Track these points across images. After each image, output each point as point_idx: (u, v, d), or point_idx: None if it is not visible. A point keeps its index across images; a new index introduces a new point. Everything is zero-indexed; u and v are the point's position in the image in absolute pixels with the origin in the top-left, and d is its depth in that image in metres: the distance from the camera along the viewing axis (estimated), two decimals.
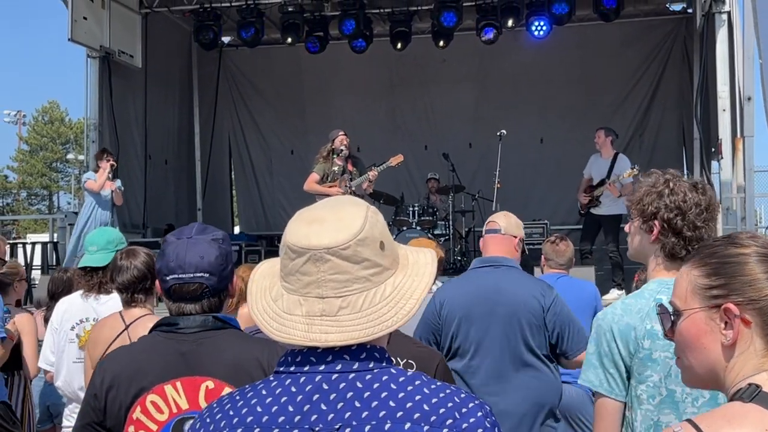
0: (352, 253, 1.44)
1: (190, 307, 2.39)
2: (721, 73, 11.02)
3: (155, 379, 2.31)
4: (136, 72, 14.20)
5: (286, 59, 16.26)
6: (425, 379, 1.46)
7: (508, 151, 11.81)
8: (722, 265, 1.58)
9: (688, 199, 2.60)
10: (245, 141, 17.34)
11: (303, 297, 1.45)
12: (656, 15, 15.50)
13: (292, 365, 1.47)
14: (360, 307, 1.44)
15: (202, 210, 16.73)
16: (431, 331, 4.12)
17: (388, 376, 1.44)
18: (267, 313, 1.50)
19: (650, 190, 2.67)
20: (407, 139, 15.99)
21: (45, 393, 6.08)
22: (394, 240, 1.56)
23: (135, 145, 14.28)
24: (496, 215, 4.48)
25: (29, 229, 40.18)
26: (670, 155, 15.35)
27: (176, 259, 2.37)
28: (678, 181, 2.66)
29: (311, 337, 1.43)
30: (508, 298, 4.03)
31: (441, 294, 4.20)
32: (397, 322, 1.45)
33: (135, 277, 3.63)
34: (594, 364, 2.60)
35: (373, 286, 1.46)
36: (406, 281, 1.50)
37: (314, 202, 1.66)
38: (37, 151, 53.43)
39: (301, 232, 1.46)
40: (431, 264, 1.55)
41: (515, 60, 15.28)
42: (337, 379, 1.43)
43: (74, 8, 12.41)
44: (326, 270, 1.43)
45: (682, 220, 2.59)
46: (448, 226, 12.49)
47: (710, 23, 11.20)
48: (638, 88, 15.45)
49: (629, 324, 2.54)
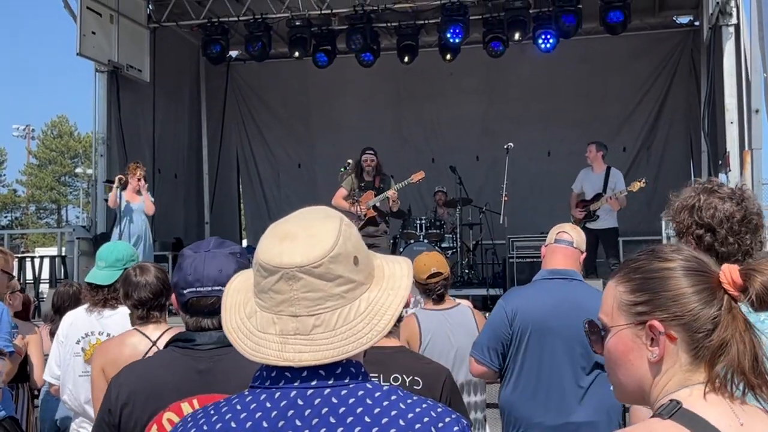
0: (324, 270, 1.41)
1: (207, 321, 2.37)
2: (729, 86, 10.99)
3: (172, 396, 2.29)
4: (145, 86, 14.26)
5: (293, 73, 16.32)
6: (401, 393, 1.44)
7: (515, 164, 11.81)
8: (646, 281, 1.54)
9: (717, 214, 2.52)
10: (253, 154, 17.38)
11: (276, 315, 1.43)
12: (663, 28, 15.51)
13: (267, 380, 1.46)
14: (334, 325, 1.42)
15: (210, 223, 16.75)
16: (500, 341, 4.02)
17: (363, 391, 1.43)
18: (241, 330, 1.48)
19: (682, 205, 2.61)
20: (414, 152, 16.02)
21: (53, 407, 6.07)
22: (369, 251, 1.53)
23: (143, 159, 14.26)
24: (565, 226, 4.27)
25: (38, 242, 40.32)
26: (677, 168, 15.34)
27: (194, 273, 2.35)
28: (711, 193, 2.56)
29: (285, 356, 1.41)
30: (584, 312, 3.96)
31: (512, 303, 4.07)
32: (371, 339, 1.43)
33: (152, 293, 3.63)
34: None
35: (347, 303, 1.44)
36: (381, 296, 1.47)
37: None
38: (46, 165, 53.73)
39: (274, 250, 1.44)
40: (407, 276, 1.52)
41: (522, 73, 15.31)
42: (312, 395, 1.41)
43: (83, 23, 12.48)
44: (299, 288, 1.41)
45: (712, 236, 2.51)
46: (455, 239, 12.49)
47: (717, 36, 11.19)
48: (645, 101, 15.45)
49: None
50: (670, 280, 1.52)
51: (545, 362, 3.95)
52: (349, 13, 13.78)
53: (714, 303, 1.49)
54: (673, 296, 1.50)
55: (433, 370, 3.30)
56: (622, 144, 15.48)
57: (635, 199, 15.38)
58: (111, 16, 13.22)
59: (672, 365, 1.50)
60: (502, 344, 4.01)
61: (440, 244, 12.07)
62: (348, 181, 10.32)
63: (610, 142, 15.37)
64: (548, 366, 3.95)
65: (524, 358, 3.98)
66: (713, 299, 1.49)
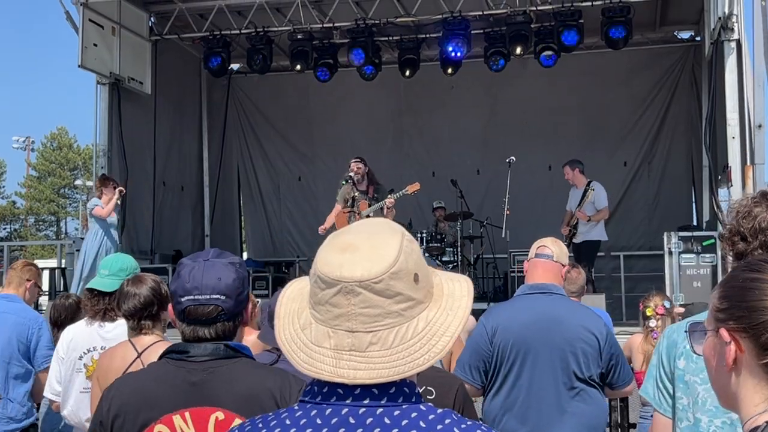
0: (384, 286, 1.37)
1: (204, 330, 2.33)
2: (731, 101, 11.01)
3: (163, 409, 2.26)
4: (146, 98, 14.26)
5: (294, 86, 16.35)
6: (455, 417, 1.40)
7: (516, 177, 11.82)
8: (731, 289, 1.53)
9: (755, 223, 2.35)
10: (253, 167, 17.39)
11: (332, 329, 1.39)
12: (664, 43, 15.55)
13: (318, 395, 1.42)
14: (391, 343, 1.38)
15: (210, 236, 16.73)
16: (482, 359, 3.99)
17: (417, 413, 1.38)
18: (295, 342, 1.44)
19: (732, 208, 2.50)
20: (415, 166, 16.03)
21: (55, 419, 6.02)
22: (430, 268, 1.49)
23: (144, 171, 14.31)
24: (546, 240, 4.25)
25: (36, 254, 40.26)
26: (679, 183, 15.36)
27: (192, 281, 2.32)
28: (761, 201, 2.42)
29: (339, 372, 1.38)
30: (564, 327, 3.94)
31: (492, 320, 4.05)
32: (429, 360, 1.39)
33: (141, 303, 3.62)
34: (652, 374, 2.59)
35: (405, 321, 1.39)
36: (441, 315, 1.43)
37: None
38: (46, 177, 53.74)
39: (334, 262, 1.39)
40: (467, 296, 1.48)
41: (523, 87, 15.32)
42: (364, 413, 1.37)
43: (85, 35, 12.51)
44: (357, 303, 1.37)
45: (746, 244, 2.37)
46: (456, 252, 12.45)
47: (719, 51, 11.20)
48: (647, 116, 15.47)
49: (675, 340, 2.50)
50: (750, 291, 1.49)
51: (525, 378, 3.94)
52: (350, 27, 13.79)
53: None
54: (748, 307, 1.48)
55: (446, 380, 3.29)
56: (623, 158, 15.50)
57: (635, 215, 15.43)
58: (113, 28, 13.25)
59: (747, 378, 1.47)
60: (484, 362, 3.99)
61: (441, 258, 12.05)
62: (341, 194, 10.30)
63: (611, 156, 15.44)
64: (528, 382, 3.93)
65: (506, 374, 3.97)
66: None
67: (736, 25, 10.87)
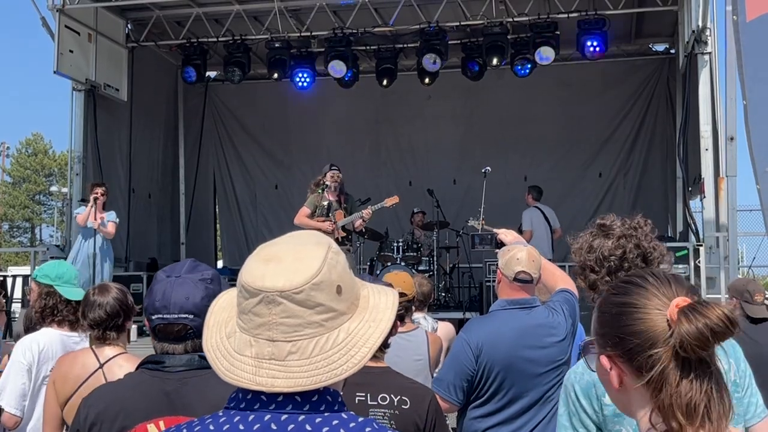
0: (305, 297, 1.40)
1: (173, 347, 2.38)
2: (704, 113, 11.14)
3: (139, 417, 2.29)
4: (122, 105, 14.20)
5: (271, 94, 16.31)
6: (376, 426, 1.43)
7: (492, 188, 11.87)
8: (604, 315, 1.58)
9: (597, 254, 2.70)
10: (230, 175, 17.31)
11: (254, 338, 1.42)
12: (639, 55, 15.69)
13: (242, 402, 1.44)
14: (310, 353, 1.40)
15: (185, 244, 16.65)
16: (466, 378, 3.91)
17: (338, 421, 1.41)
18: (219, 350, 1.47)
19: (576, 245, 2.82)
20: (392, 175, 16.06)
21: None
22: (355, 278, 1.52)
23: (119, 178, 14.23)
24: (522, 259, 4.10)
25: (10, 261, 39.88)
26: (654, 194, 15.46)
27: (162, 299, 2.36)
28: (598, 233, 2.75)
29: (258, 380, 1.40)
30: (547, 341, 3.93)
31: (476, 338, 3.95)
32: (347, 370, 1.41)
33: (107, 313, 3.56)
34: (565, 425, 2.56)
35: (325, 332, 1.42)
36: (362, 327, 1.46)
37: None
38: (20, 183, 53.25)
39: (257, 272, 1.43)
40: (391, 308, 1.51)
41: (499, 97, 15.40)
42: (286, 420, 1.40)
43: (61, 41, 12.44)
44: (278, 313, 1.40)
45: (595, 275, 2.70)
46: (432, 261, 12.48)
47: (693, 64, 11.33)
48: (622, 127, 15.58)
49: (589, 381, 2.49)
50: (619, 317, 1.52)
51: (508, 395, 3.91)
52: (328, 36, 13.81)
53: (658, 343, 1.46)
54: (620, 333, 1.51)
55: (421, 390, 3.29)
56: (598, 169, 15.60)
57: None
58: (89, 35, 13.18)
59: (637, 394, 1.50)
60: (468, 381, 3.93)
61: (417, 267, 12.06)
62: (311, 200, 10.09)
63: (587, 167, 15.55)
64: (510, 398, 3.91)
65: (489, 391, 3.93)
66: (656, 340, 1.46)
67: (709, 38, 11.00)
